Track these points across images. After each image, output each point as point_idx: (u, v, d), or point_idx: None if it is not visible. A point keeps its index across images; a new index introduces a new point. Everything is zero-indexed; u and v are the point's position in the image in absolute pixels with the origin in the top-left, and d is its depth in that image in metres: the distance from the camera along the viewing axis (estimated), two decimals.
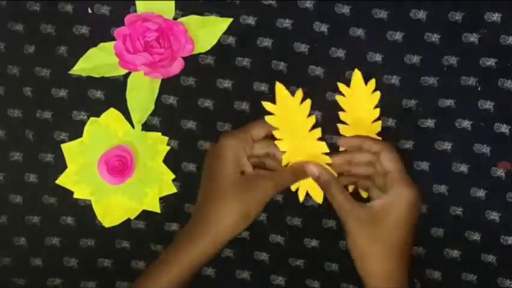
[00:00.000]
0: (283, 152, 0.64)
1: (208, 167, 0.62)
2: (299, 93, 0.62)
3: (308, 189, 0.65)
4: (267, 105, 0.62)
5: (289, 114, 0.63)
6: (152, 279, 0.60)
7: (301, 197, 0.66)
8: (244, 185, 0.60)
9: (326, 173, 0.63)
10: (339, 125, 0.66)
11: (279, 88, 0.63)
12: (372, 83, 0.65)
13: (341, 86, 0.65)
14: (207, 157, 0.63)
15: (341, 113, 0.66)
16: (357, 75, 0.65)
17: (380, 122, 0.65)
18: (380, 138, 0.65)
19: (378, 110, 0.65)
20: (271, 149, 0.64)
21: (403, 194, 0.60)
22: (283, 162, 0.64)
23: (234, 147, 0.61)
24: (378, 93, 0.65)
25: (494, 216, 0.68)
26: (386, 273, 0.59)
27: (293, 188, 0.66)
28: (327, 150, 0.63)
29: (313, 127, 0.63)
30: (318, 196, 0.65)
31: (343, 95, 0.65)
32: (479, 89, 0.68)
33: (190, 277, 0.60)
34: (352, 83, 0.65)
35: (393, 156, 0.61)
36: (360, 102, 0.65)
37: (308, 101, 0.62)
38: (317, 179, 0.63)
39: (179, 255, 0.60)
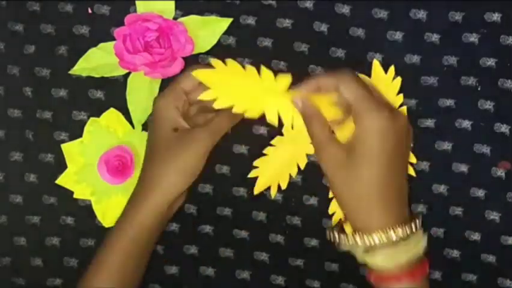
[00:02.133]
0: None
1: (148, 129, 0.63)
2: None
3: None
4: (206, 95, 0.59)
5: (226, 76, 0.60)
6: (109, 249, 0.60)
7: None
8: (177, 141, 0.59)
9: (311, 106, 0.56)
10: None
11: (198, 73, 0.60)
12: (392, 70, 0.67)
13: (362, 77, 0.65)
14: (148, 121, 0.64)
15: None
16: (376, 65, 0.67)
17: (405, 107, 0.67)
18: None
19: (401, 96, 0.67)
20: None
21: (372, 123, 0.52)
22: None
23: (163, 106, 0.61)
24: (399, 79, 0.67)
25: (494, 216, 0.68)
26: (373, 218, 0.52)
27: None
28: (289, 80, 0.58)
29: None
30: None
31: None
32: (479, 89, 0.68)
33: (150, 238, 0.61)
34: (373, 73, 0.67)
35: (352, 85, 0.54)
36: (382, 90, 0.65)
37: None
38: (302, 112, 0.57)
39: (126, 222, 0.60)
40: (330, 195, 0.67)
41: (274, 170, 0.68)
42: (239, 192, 0.69)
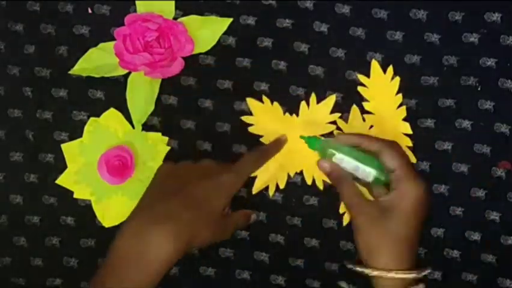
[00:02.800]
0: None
1: (197, 189, 0.59)
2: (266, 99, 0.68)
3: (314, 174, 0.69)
4: (246, 118, 0.68)
5: (266, 120, 0.68)
6: None
7: (308, 180, 0.69)
8: (224, 219, 0.60)
9: (337, 168, 0.63)
10: (365, 115, 0.68)
11: (250, 101, 0.68)
12: (390, 70, 0.67)
13: (361, 77, 0.68)
14: (202, 177, 0.60)
15: (365, 104, 0.68)
16: (375, 65, 0.68)
17: (404, 107, 0.67)
18: (382, 138, 0.64)
19: (400, 95, 0.67)
20: None
21: (410, 190, 0.60)
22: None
23: (233, 184, 0.60)
24: (397, 78, 0.67)
25: (494, 216, 0.68)
26: (393, 265, 0.59)
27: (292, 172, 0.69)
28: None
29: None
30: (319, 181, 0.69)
31: (364, 85, 0.68)
32: (479, 89, 0.68)
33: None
34: (372, 73, 0.68)
35: (394, 154, 0.61)
36: (381, 90, 0.67)
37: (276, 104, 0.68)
38: (329, 175, 0.64)
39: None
40: (341, 210, 0.69)
41: (273, 170, 0.68)
42: (239, 192, 0.69)
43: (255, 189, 0.68)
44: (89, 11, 0.70)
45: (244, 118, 0.68)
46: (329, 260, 0.69)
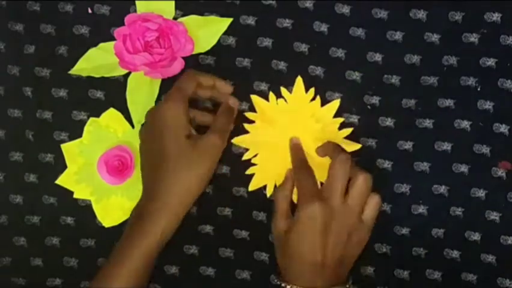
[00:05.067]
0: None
1: (150, 133, 0.63)
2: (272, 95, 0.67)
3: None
4: (250, 115, 0.67)
5: (270, 118, 0.67)
6: (113, 272, 0.60)
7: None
8: (192, 148, 0.60)
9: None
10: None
11: (254, 98, 0.68)
12: (312, 91, 0.67)
13: (284, 91, 0.68)
14: (149, 124, 0.63)
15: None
16: (299, 82, 0.68)
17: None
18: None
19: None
20: (214, 93, 0.66)
21: (304, 209, 0.60)
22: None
23: (174, 113, 0.61)
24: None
25: (494, 216, 0.68)
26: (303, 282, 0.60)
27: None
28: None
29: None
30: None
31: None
32: (479, 89, 0.68)
33: (156, 255, 0.61)
34: (294, 89, 0.68)
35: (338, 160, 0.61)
36: (300, 110, 0.67)
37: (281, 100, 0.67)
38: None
39: (141, 234, 0.60)
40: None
41: (271, 168, 0.68)
42: (239, 192, 0.69)
43: (251, 187, 0.68)
44: (89, 11, 0.70)
45: (248, 115, 0.68)
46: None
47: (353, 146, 0.67)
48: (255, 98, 0.68)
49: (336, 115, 0.68)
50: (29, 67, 0.70)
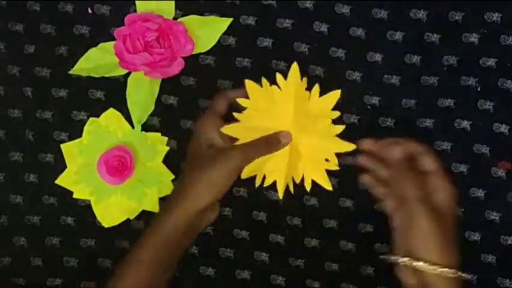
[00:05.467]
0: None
1: (187, 150, 0.64)
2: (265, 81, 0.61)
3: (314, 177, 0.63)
4: (242, 101, 0.61)
5: (262, 104, 0.62)
6: (141, 249, 0.60)
7: (307, 186, 0.63)
8: (211, 157, 0.61)
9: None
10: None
11: (248, 83, 0.61)
12: (305, 80, 0.62)
13: (279, 77, 0.61)
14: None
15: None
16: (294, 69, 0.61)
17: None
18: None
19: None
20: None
21: (450, 190, 0.60)
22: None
23: (201, 126, 0.62)
24: (316, 88, 0.62)
25: (494, 216, 0.68)
26: (445, 257, 0.59)
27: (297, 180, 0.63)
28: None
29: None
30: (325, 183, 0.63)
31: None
32: (479, 89, 0.68)
33: (179, 246, 0.61)
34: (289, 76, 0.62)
35: (433, 155, 0.61)
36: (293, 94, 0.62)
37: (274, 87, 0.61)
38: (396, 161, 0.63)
39: (163, 223, 0.61)
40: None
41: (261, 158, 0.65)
42: (239, 192, 0.69)
43: (243, 175, 0.63)
44: (89, 11, 0.70)
45: (240, 100, 0.61)
46: (329, 260, 0.69)
47: (345, 146, 0.61)
48: (249, 83, 0.61)
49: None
50: (29, 67, 0.70)
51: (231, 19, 0.69)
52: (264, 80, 0.61)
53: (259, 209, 0.69)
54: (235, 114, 0.62)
